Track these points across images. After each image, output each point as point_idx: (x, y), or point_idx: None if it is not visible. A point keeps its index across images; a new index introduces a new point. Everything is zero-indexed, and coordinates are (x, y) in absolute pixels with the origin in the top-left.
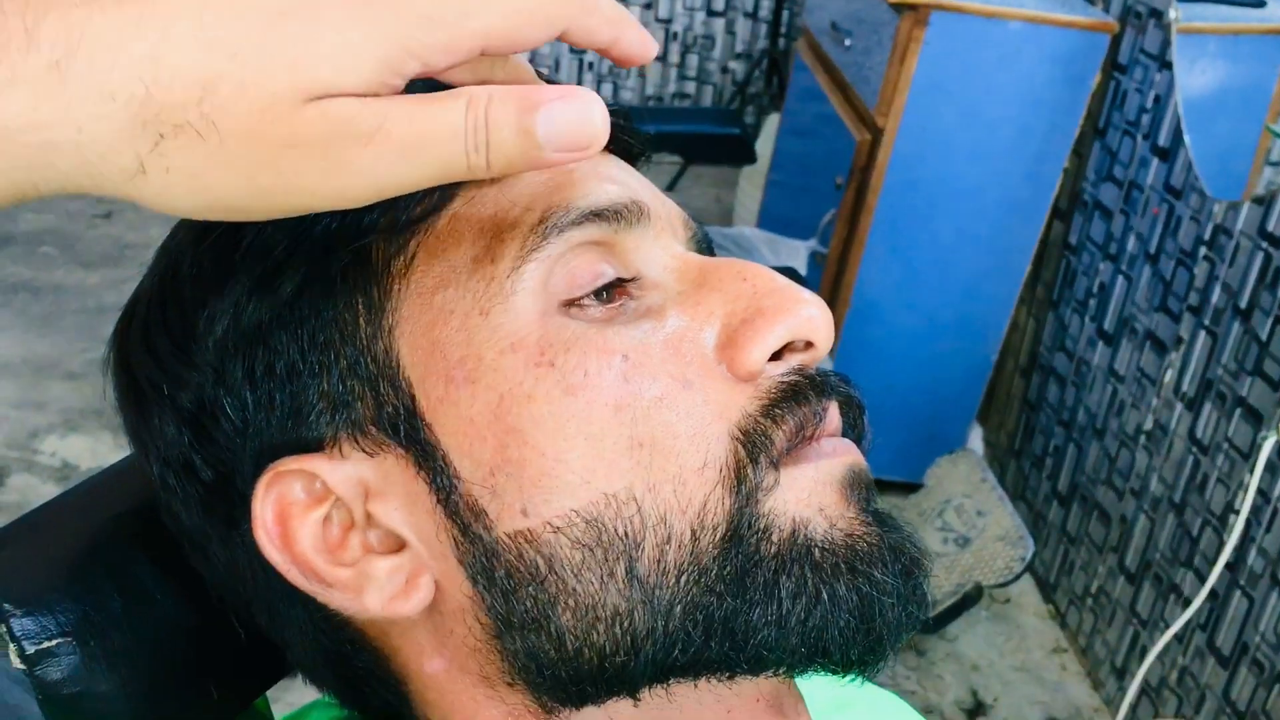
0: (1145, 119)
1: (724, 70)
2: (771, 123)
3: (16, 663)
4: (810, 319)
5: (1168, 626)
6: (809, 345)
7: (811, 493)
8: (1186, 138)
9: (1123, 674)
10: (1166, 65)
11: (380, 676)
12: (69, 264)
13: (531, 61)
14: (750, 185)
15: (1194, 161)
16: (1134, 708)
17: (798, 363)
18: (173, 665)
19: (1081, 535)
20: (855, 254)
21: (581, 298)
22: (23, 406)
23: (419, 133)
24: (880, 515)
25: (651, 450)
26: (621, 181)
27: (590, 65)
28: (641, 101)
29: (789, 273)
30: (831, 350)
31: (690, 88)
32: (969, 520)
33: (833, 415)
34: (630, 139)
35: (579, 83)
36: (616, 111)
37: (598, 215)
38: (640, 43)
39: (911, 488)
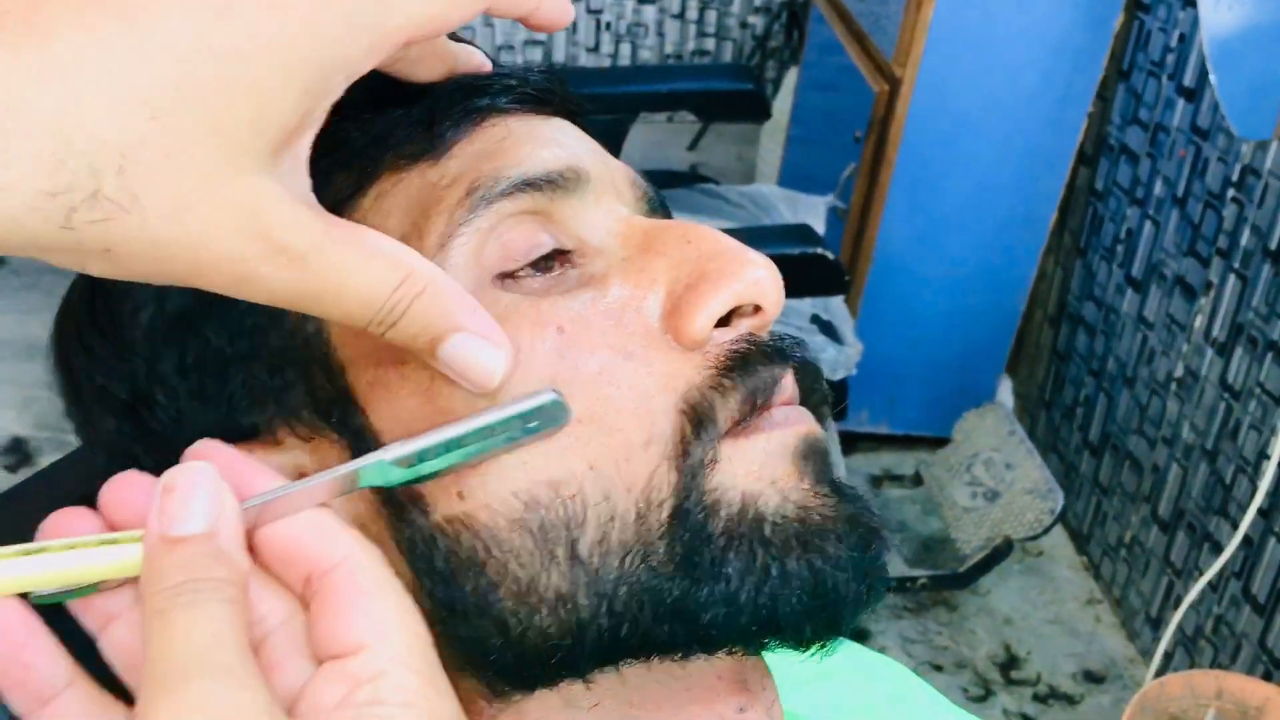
0: (1170, 59)
1: (743, 25)
2: (792, 77)
3: None
4: (757, 281)
5: (1202, 575)
6: (758, 310)
7: (763, 465)
8: (1212, 77)
9: (1158, 624)
10: (1190, 2)
11: None
12: None
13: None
14: (771, 141)
15: (1220, 101)
16: (1169, 657)
17: (747, 328)
18: None
19: (1114, 485)
20: (876, 208)
21: (518, 270)
22: (53, 387)
23: (337, 285)
24: (837, 486)
25: (591, 426)
26: (559, 144)
27: (608, 25)
28: (660, 60)
29: (803, 231)
30: (856, 306)
31: (710, 44)
32: (998, 474)
33: (786, 383)
34: (569, 100)
35: (596, 43)
36: (553, 73)
37: (530, 185)
38: (559, 7)
39: (940, 442)
